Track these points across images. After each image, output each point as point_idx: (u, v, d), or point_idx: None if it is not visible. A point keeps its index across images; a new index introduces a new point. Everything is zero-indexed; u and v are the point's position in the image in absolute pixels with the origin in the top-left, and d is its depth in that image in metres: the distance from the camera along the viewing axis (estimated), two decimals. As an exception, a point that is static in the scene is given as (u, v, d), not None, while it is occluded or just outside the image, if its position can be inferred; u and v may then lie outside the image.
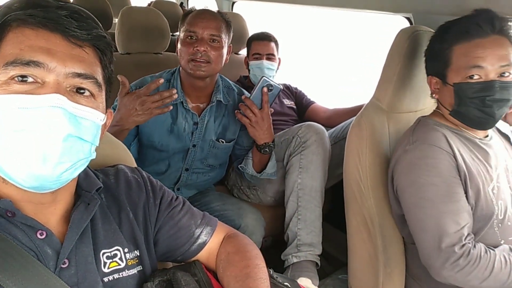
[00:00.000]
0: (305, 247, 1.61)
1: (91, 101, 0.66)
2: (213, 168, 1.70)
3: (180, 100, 1.53)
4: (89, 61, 0.66)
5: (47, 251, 0.65)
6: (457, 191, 1.08)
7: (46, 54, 0.61)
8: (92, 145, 0.67)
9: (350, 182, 1.34)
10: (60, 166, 0.62)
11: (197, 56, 1.46)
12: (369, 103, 1.38)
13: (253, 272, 0.75)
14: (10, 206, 0.64)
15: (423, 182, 1.09)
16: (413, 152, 1.14)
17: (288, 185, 1.69)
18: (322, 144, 1.66)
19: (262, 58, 2.17)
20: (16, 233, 0.64)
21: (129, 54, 2.20)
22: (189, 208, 0.89)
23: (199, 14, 1.52)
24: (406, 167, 1.15)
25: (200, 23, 1.49)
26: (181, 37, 1.53)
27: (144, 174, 0.86)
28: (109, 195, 0.79)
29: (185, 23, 1.53)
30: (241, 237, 0.89)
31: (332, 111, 2.22)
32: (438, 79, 1.18)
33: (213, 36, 1.49)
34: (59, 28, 0.63)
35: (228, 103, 1.63)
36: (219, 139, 1.64)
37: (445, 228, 1.05)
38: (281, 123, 2.15)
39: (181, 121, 1.55)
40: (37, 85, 0.61)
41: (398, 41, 1.30)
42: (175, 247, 0.84)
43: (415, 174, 1.12)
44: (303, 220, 1.63)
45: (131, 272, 0.74)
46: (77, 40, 0.64)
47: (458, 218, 1.05)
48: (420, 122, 1.23)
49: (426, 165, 1.10)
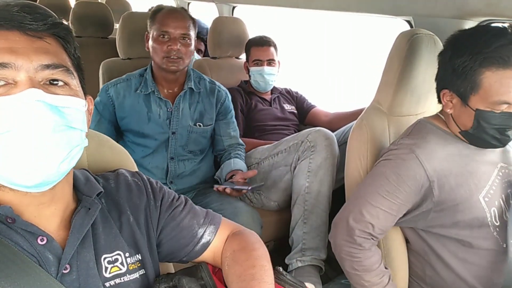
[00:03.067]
0: (310, 251, 1.61)
1: (67, 90, 0.65)
2: (195, 154, 1.77)
3: (151, 89, 1.68)
4: (54, 51, 0.65)
5: (48, 257, 0.65)
6: (398, 196, 1.12)
7: (10, 54, 0.61)
8: (82, 132, 0.67)
9: (352, 186, 1.34)
10: (56, 157, 0.62)
11: (171, 54, 1.61)
12: (369, 106, 1.38)
13: (259, 274, 0.74)
14: (10, 212, 0.64)
15: (382, 171, 1.15)
16: (393, 151, 1.17)
17: (295, 188, 1.69)
18: (332, 150, 1.67)
19: (263, 64, 2.17)
20: (17, 239, 0.64)
21: (130, 59, 2.21)
22: (191, 208, 0.88)
23: (169, 14, 1.66)
24: (381, 160, 1.19)
25: (172, 23, 1.63)
26: (153, 35, 1.67)
27: (144, 177, 0.86)
28: (109, 200, 0.79)
29: (156, 22, 1.66)
30: (247, 234, 0.87)
31: (333, 115, 2.22)
32: (457, 97, 1.11)
33: (183, 35, 1.64)
34: (15, 25, 0.62)
35: (200, 91, 1.76)
36: (196, 123, 1.74)
37: (364, 210, 1.14)
38: (282, 128, 2.15)
39: (155, 109, 1.68)
40: (10, 86, 0.61)
41: (398, 44, 1.30)
42: (178, 248, 0.84)
43: (381, 165, 1.17)
44: (309, 224, 1.63)
45: (132, 277, 0.74)
46: (35, 32, 0.64)
47: (377, 212, 1.13)
48: (417, 126, 1.22)
49: (395, 163, 1.13)
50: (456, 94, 1.11)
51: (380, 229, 1.15)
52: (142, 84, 1.69)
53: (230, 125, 1.85)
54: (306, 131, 1.75)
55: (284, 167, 1.76)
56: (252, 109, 2.17)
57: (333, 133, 1.93)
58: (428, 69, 1.30)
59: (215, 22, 2.47)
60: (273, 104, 2.24)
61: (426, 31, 1.31)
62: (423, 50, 1.27)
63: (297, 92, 2.37)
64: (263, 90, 2.24)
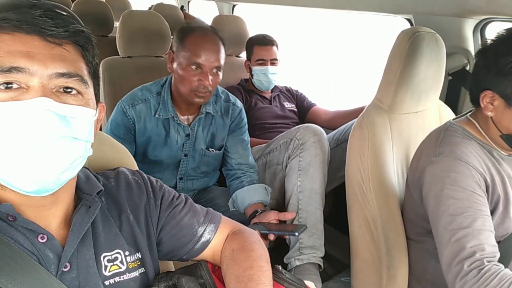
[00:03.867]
0: (307, 249, 1.61)
1: (79, 99, 0.65)
2: (207, 174, 1.73)
3: (171, 115, 1.56)
4: (71, 59, 0.64)
5: (49, 255, 0.65)
6: (480, 208, 1.02)
7: (26, 58, 0.60)
8: (87, 143, 0.67)
9: (352, 184, 1.34)
10: (58, 168, 0.61)
11: (200, 88, 1.47)
12: (370, 104, 1.38)
13: (257, 275, 0.74)
14: (11, 210, 0.64)
15: (446, 196, 1.04)
16: (438, 165, 1.09)
17: (288, 188, 1.68)
18: (321, 146, 1.66)
19: (266, 64, 2.17)
20: (17, 237, 0.64)
21: (130, 57, 2.21)
22: (191, 206, 0.88)
23: (203, 43, 1.47)
24: (431, 180, 1.09)
25: (204, 55, 1.45)
26: (181, 61, 1.49)
27: (144, 176, 0.86)
28: (109, 198, 0.78)
29: (185, 47, 1.48)
30: (247, 234, 0.87)
31: (333, 113, 2.22)
32: (500, 99, 1.06)
33: (216, 68, 1.49)
34: (35, 29, 0.61)
35: (216, 113, 1.65)
36: (208, 148, 1.66)
37: (461, 243, 0.99)
38: (282, 126, 2.15)
39: (173, 134, 1.58)
40: (22, 91, 0.60)
41: (399, 43, 1.30)
42: (178, 246, 0.84)
43: (438, 187, 1.07)
44: (304, 223, 1.63)
45: (132, 275, 0.74)
46: (55, 39, 0.62)
47: (477, 234, 0.99)
48: (448, 129, 1.16)
49: (449, 179, 1.05)
50: (499, 95, 1.05)
51: (487, 246, 0.99)
52: (161, 107, 1.55)
53: (239, 142, 1.73)
54: (294, 128, 1.74)
55: (277, 165, 1.76)
56: (252, 107, 2.17)
57: (333, 131, 1.93)
58: (429, 67, 1.30)
59: (215, 21, 2.47)
60: (273, 102, 2.24)
61: (428, 29, 1.31)
62: (424, 48, 1.27)
63: (297, 90, 2.37)
64: (266, 89, 2.23)
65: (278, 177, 1.76)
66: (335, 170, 1.73)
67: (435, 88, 1.37)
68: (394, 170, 1.34)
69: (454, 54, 1.66)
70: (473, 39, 1.66)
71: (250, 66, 2.22)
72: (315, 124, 1.75)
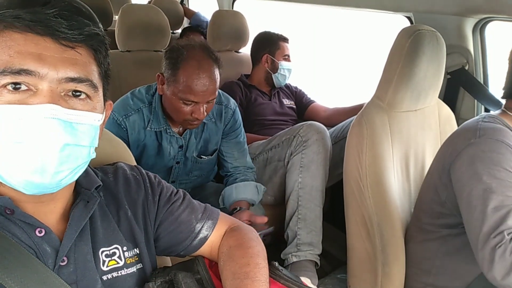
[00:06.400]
0: (305, 246, 1.61)
1: (87, 103, 0.64)
2: (201, 176, 1.72)
3: (164, 127, 1.51)
4: (83, 62, 0.63)
5: (46, 249, 0.65)
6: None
7: (37, 61, 0.58)
8: (91, 148, 0.66)
9: (350, 181, 1.34)
10: (59, 174, 0.61)
11: (194, 119, 1.41)
12: (370, 102, 1.38)
13: (253, 272, 0.74)
14: (10, 203, 0.64)
15: (487, 175, 1.04)
16: (479, 146, 1.09)
17: (288, 184, 1.69)
18: (324, 144, 1.67)
19: (289, 60, 2.22)
20: (15, 231, 0.64)
21: (129, 51, 2.20)
22: (189, 203, 0.87)
23: (196, 78, 1.35)
24: (470, 159, 1.09)
25: (201, 91, 1.36)
26: (174, 92, 1.38)
27: (143, 172, 0.86)
28: (108, 193, 0.78)
29: (179, 79, 1.36)
30: (244, 230, 0.86)
31: (332, 110, 2.22)
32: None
33: (211, 100, 1.42)
34: (49, 31, 0.59)
35: (209, 121, 1.60)
36: (200, 155, 1.63)
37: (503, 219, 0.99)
38: (280, 123, 2.15)
39: (166, 146, 1.54)
40: (30, 93, 0.59)
41: (399, 41, 1.30)
42: (176, 242, 0.84)
43: (479, 166, 1.06)
44: (303, 219, 1.63)
45: (130, 271, 0.74)
46: (69, 42, 0.61)
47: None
48: (486, 118, 1.16)
49: (491, 159, 1.05)
50: None
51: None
52: (152, 119, 1.49)
53: (234, 145, 1.69)
54: (298, 125, 1.75)
55: (278, 162, 1.76)
56: (252, 103, 2.16)
57: (332, 128, 1.94)
58: (429, 65, 1.30)
59: (215, 16, 2.46)
60: (273, 99, 2.24)
61: (428, 28, 1.31)
62: (425, 46, 1.26)
63: (296, 87, 2.37)
64: (283, 84, 2.26)
65: (278, 173, 1.77)
66: (333, 167, 1.74)
67: (435, 86, 1.37)
68: (393, 168, 1.34)
69: (453, 53, 1.66)
70: (473, 38, 1.66)
71: (275, 61, 2.21)
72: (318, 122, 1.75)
